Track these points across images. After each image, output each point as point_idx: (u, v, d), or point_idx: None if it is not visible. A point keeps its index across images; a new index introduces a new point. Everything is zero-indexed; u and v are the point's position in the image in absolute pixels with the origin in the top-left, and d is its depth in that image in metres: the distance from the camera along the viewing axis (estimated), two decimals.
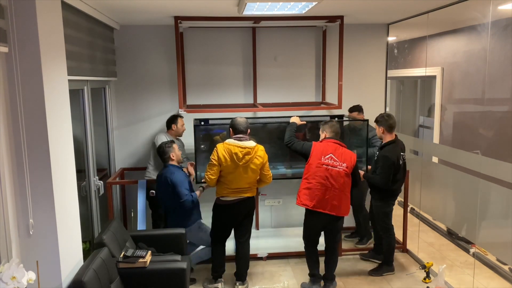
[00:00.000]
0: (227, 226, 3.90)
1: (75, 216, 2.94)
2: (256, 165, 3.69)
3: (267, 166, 3.81)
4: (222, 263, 3.96)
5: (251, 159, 3.66)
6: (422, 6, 4.00)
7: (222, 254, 3.95)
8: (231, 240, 4.01)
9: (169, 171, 3.83)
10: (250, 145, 3.68)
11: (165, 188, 3.80)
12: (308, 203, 3.68)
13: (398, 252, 4.68)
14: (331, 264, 3.87)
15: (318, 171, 3.66)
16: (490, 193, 3.71)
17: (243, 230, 3.91)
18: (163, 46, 4.80)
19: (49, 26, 2.55)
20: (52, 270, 2.56)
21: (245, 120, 3.80)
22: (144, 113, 4.90)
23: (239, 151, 3.63)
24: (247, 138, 3.73)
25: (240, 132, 3.73)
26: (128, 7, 3.73)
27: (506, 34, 3.71)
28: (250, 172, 3.69)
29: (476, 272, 3.99)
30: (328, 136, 3.81)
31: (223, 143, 3.71)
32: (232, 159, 3.63)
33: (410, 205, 5.02)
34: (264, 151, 3.77)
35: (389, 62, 5.17)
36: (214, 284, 3.93)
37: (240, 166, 3.64)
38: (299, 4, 3.51)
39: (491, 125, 4.01)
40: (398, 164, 3.94)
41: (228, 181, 3.72)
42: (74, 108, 2.97)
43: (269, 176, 3.84)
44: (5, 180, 2.33)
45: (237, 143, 3.67)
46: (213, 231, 3.94)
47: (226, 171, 3.67)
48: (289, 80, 5.04)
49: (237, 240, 3.93)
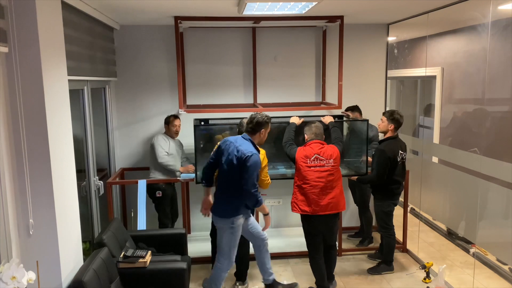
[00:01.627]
0: None
1: (75, 216, 2.94)
2: None
3: (266, 172, 3.76)
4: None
5: None
6: (422, 6, 4.00)
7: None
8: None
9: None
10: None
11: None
12: (307, 209, 3.66)
13: (398, 252, 4.67)
14: (330, 263, 3.86)
15: (308, 175, 3.65)
16: (490, 193, 3.71)
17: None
18: (163, 46, 4.80)
19: (49, 26, 2.55)
20: (52, 270, 2.56)
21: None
22: (144, 113, 4.90)
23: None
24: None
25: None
26: (128, 7, 3.73)
27: (506, 34, 3.71)
28: None
29: (476, 272, 3.99)
30: (308, 138, 3.80)
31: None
32: None
33: (410, 205, 5.02)
34: (265, 155, 3.72)
35: (389, 62, 5.17)
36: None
37: None
38: (299, 4, 3.52)
39: (491, 125, 4.01)
40: (395, 161, 3.94)
41: None
42: (74, 108, 2.98)
43: (266, 182, 3.77)
44: (5, 180, 2.33)
45: None
46: (212, 230, 3.95)
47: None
48: (289, 80, 5.04)
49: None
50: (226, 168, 3.38)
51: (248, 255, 3.96)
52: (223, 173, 3.43)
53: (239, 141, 3.41)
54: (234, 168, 3.33)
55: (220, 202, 3.49)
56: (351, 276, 4.15)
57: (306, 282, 4.01)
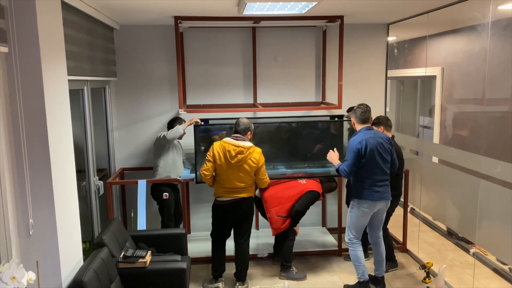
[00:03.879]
0: (224, 226, 3.92)
1: (75, 216, 2.94)
2: (250, 166, 3.71)
3: (263, 170, 3.81)
4: (221, 263, 3.97)
5: (244, 159, 3.68)
6: (422, 6, 4.00)
7: (221, 254, 3.96)
8: (231, 240, 4.00)
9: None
10: (244, 144, 3.71)
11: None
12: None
13: (398, 252, 4.68)
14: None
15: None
16: (490, 193, 3.70)
17: (241, 231, 3.92)
18: (163, 46, 4.80)
19: (49, 26, 2.55)
20: (52, 270, 2.56)
21: (247, 121, 3.81)
22: (144, 113, 4.90)
23: (232, 149, 3.68)
24: (244, 139, 3.76)
25: (237, 132, 3.80)
26: (128, 7, 3.73)
27: (506, 34, 3.71)
28: (243, 172, 3.72)
29: (476, 272, 3.99)
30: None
31: (220, 141, 3.78)
32: (225, 157, 3.68)
33: (410, 205, 5.02)
34: (261, 154, 3.76)
35: (389, 62, 5.17)
36: (215, 283, 3.93)
37: (233, 165, 3.68)
38: (299, 4, 3.52)
39: (491, 125, 4.01)
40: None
41: (222, 180, 3.76)
42: (74, 108, 2.98)
43: (264, 180, 3.85)
44: (5, 180, 2.33)
45: (232, 141, 3.73)
46: (212, 230, 3.95)
47: (220, 169, 3.72)
48: (289, 80, 5.04)
49: (236, 241, 3.94)
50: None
51: (247, 256, 3.96)
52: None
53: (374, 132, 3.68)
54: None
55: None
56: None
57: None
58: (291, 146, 4.73)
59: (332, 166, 4.72)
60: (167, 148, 4.40)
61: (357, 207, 3.71)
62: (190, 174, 4.47)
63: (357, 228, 3.76)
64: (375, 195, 3.64)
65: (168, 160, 4.40)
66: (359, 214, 3.70)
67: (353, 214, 3.76)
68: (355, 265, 3.82)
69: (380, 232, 3.88)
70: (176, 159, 4.46)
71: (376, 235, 3.88)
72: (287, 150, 4.70)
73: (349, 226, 3.80)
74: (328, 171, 4.65)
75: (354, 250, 3.80)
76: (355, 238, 3.78)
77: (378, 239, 3.88)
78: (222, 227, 3.91)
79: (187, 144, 4.68)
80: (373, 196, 3.64)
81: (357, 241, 3.79)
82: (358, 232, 3.77)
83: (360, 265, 3.79)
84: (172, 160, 4.42)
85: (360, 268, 3.79)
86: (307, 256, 4.59)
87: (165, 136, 4.25)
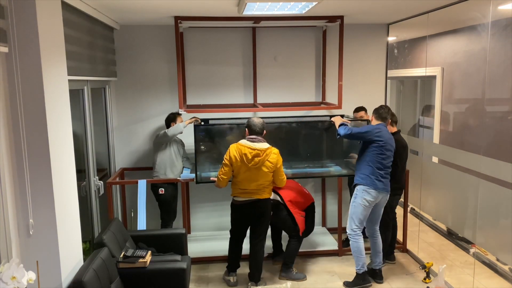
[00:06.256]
0: (240, 226, 3.93)
1: (75, 216, 2.94)
2: (268, 167, 3.67)
3: (282, 171, 3.79)
4: (236, 260, 4.02)
5: (262, 161, 3.63)
6: (422, 6, 4.00)
7: (237, 252, 4.02)
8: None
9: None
10: (261, 147, 3.65)
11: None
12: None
13: (398, 252, 4.68)
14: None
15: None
16: (490, 193, 3.71)
17: (256, 232, 3.90)
18: (163, 46, 4.80)
19: (49, 26, 2.55)
20: (52, 270, 2.56)
21: (261, 121, 3.77)
22: (144, 113, 4.90)
23: (248, 152, 3.62)
24: (261, 140, 3.70)
25: (255, 133, 3.71)
26: (128, 7, 3.73)
27: (506, 34, 3.71)
28: (262, 174, 3.67)
29: (476, 272, 3.99)
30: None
31: (236, 144, 3.71)
32: (242, 160, 3.63)
33: (410, 205, 5.02)
34: (278, 154, 3.72)
35: (389, 62, 5.17)
36: (227, 276, 4.02)
37: (250, 168, 3.64)
38: (299, 4, 3.51)
39: (491, 125, 4.01)
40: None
41: (239, 182, 3.74)
42: (74, 108, 2.98)
43: (282, 179, 3.82)
44: (5, 180, 2.33)
45: (248, 144, 3.66)
46: (231, 227, 4.01)
47: (237, 171, 3.70)
48: (289, 80, 5.04)
49: (250, 241, 3.94)
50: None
51: (260, 257, 3.93)
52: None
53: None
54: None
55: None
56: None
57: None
58: (291, 146, 4.73)
59: (332, 166, 4.73)
60: (165, 145, 4.43)
61: (360, 196, 3.78)
62: (190, 174, 4.47)
63: (360, 218, 3.81)
64: (380, 184, 3.75)
65: (165, 157, 4.44)
66: (362, 203, 3.77)
67: (356, 203, 3.81)
68: (356, 257, 3.86)
69: (377, 226, 3.98)
70: (174, 156, 4.47)
71: (373, 228, 3.98)
72: (288, 150, 4.70)
73: (352, 216, 3.85)
74: (328, 171, 4.65)
75: (356, 241, 3.84)
76: (357, 228, 3.83)
77: (375, 232, 3.99)
78: (238, 226, 3.93)
79: (187, 144, 4.69)
80: (378, 186, 3.75)
81: (359, 232, 3.84)
82: (360, 223, 3.83)
83: (361, 257, 3.84)
84: (169, 158, 4.45)
85: (361, 260, 3.84)
86: (307, 256, 4.59)
87: (166, 133, 4.31)
